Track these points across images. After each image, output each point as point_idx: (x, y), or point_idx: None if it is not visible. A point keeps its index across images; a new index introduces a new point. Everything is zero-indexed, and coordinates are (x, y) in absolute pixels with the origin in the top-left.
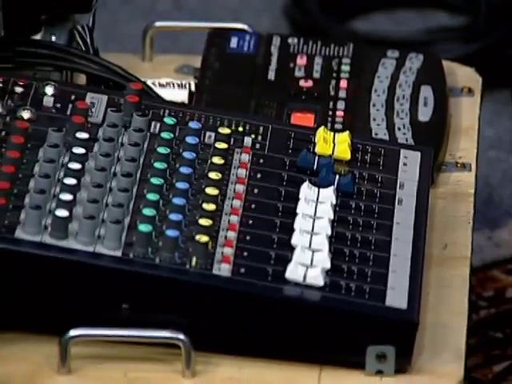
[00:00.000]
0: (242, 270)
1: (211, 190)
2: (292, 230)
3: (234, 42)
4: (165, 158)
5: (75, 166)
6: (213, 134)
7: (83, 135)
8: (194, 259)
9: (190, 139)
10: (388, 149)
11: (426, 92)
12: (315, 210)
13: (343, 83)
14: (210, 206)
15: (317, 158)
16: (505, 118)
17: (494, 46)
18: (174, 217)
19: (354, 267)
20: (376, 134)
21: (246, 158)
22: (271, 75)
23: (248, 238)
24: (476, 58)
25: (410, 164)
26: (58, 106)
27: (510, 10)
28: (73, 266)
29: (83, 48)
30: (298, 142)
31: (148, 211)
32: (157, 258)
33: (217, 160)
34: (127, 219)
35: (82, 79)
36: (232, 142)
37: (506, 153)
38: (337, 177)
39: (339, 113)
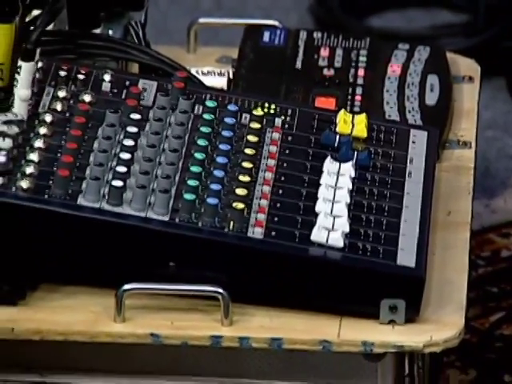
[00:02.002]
0: (273, 233)
1: (246, 164)
2: (316, 199)
3: (266, 37)
4: (206, 136)
5: (129, 142)
6: (248, 116)
7: (136, 116)
8: (232, 223)
9: (228, 120)
10: (399, 129)
11: (433, 80)
12: (336, 182)
13: (361, 72)
14: (246, 178)
15: (338, 136)
16: (500, 102)
17: (491, 40)
18: (214, 187)
19: (370, 231)
20: (389, 116)
21: (276, 136)
22: (298, 65)
23: (278, 205)
24: (475, 51)
25: (418, 142)
26: (115, 90)
27: (506, 8)
28: (127, 229)
29: (136, 41)
30: (322, 122)
31: (192, 182)
32: (199, 223)
33: (251, 138)
34: (174, 189)
35: (135, 68)
36: (264, 123)
37: (501, 132)
38: (355, 153)
39: (357, 97)
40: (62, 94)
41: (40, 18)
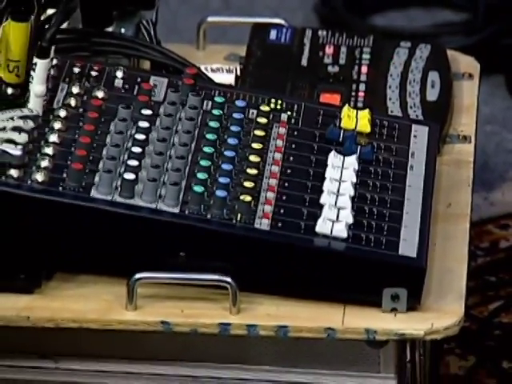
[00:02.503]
0: (279, 224)
1: (254, 158)
2: (321, 191)
3: (273, 35)
4: (215, 131)
5: (141, 137)
6: (255, 111)
7: (147, 111)
8: (239, 215)
9: (236, 115)
10: (401, 124)
11: (434, 76)
12: (340, 175)
13: (364, 69)
14: (253, 171)
15: (342, 131)
16: (499, 98)
17: (490, 38)
18: (222, 180)
19: (373, 222)
20: (391, 112)
21: (282, 131)
22: (304, 62)
23: (284, 197)
24: (475, 48)
25: (419, 136)
26: (127, 86)
27: (505, 7)
28: (138, 221)
29: (147, 39)
30: (326, 117)
31: (201, 175)
32: (208, 214)
33: (258, 132)
34: (184, 182)
35: (146, 65)
36: (271, 118)
37: (499, 127)
38: (359, 147)
39: (361, 93)
40: (75, 90)
41: (54, 17)
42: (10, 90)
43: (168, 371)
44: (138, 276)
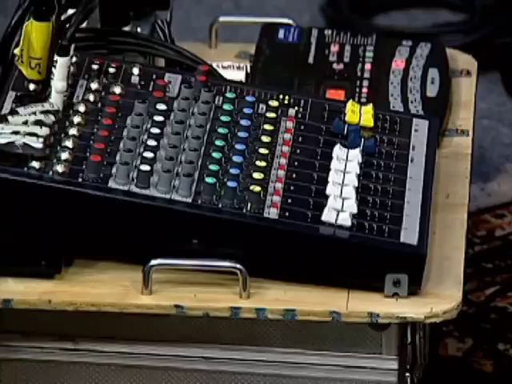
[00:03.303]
0: (287, 214)
1: (263, 150)
2: (326, 182)
3: (281, 34)
4: (226, 125)
5: (156, 130)
6: (264, 106)
7: (162, 106)
8: (249, 205)
9: (246, 110)
10: (403, 118)
11: (433, 73)
12: (345, 167)
13: (367, 66)
14: (262, 163)
15: (346, 125)
16: (495, 94)
17: (487, 37)
18: (233, 171)
19: (376, 212)
20: (393, 107)
21: (290, 125)
22: (310, 60)
23: (292, 188)
24: (472, 47)
25: (420, 130)
26: (143, 83)
27: (500, 8)
28: (153, 210)
29: (162, 38)
30: (332, 112)
31: (213, 167)
32: (220, 204)
33: (267, 126)
34: (196, 173)
35: (161, 62)
36: (279, 112)
37: (495, 122)
38: (362, 140)
39: (364, 89)
40: (94, 86)
41: (74, 17)
42: (32, 86)
43: (181, 352)
44: (153, 262)
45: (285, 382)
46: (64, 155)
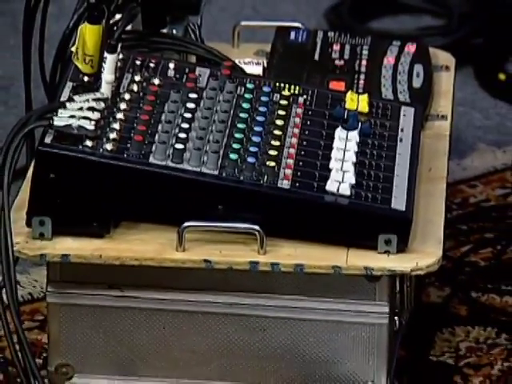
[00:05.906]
0: (297, 184)
1: (277, 132)
2: (330, 158)
3: (292, 36)
4: (246, 111)
5: (188, 115)
6: (278, 95)
7: (193, 95)
8: (266, 177)
9: (263, 98)
10: (393, 105)
11: (418, 68)
12: (345, 146)
13: (364, 62)
14: (276, 142)
15: (346, 111)
16: (469, 85)
17: (463, 39)
18: (252, 149)
19: (371, 183)
20: (385, 96)
21: (300, 111)
22: (316, 57)
23: (301, 163)
24: (451, 47)
25: (407, 115)
26: (177, 76)
27: (473, 14)
28: (186, 181)
29: (194, 38)
30: (334, 100)
31: (235, 145)
32: (241, 176)
33: (281, 112)
34: (221, 150)
35: (192, 59)
36: (291, 100)
37: (469, 108)
38: (359, 123)
39: (361, 82)
40: (137, 78)
41: (121, 21)
42: (85, 78)
43: (209, 299)
44: (186, 224)
45: (294, 324)
46: (112, 135)
